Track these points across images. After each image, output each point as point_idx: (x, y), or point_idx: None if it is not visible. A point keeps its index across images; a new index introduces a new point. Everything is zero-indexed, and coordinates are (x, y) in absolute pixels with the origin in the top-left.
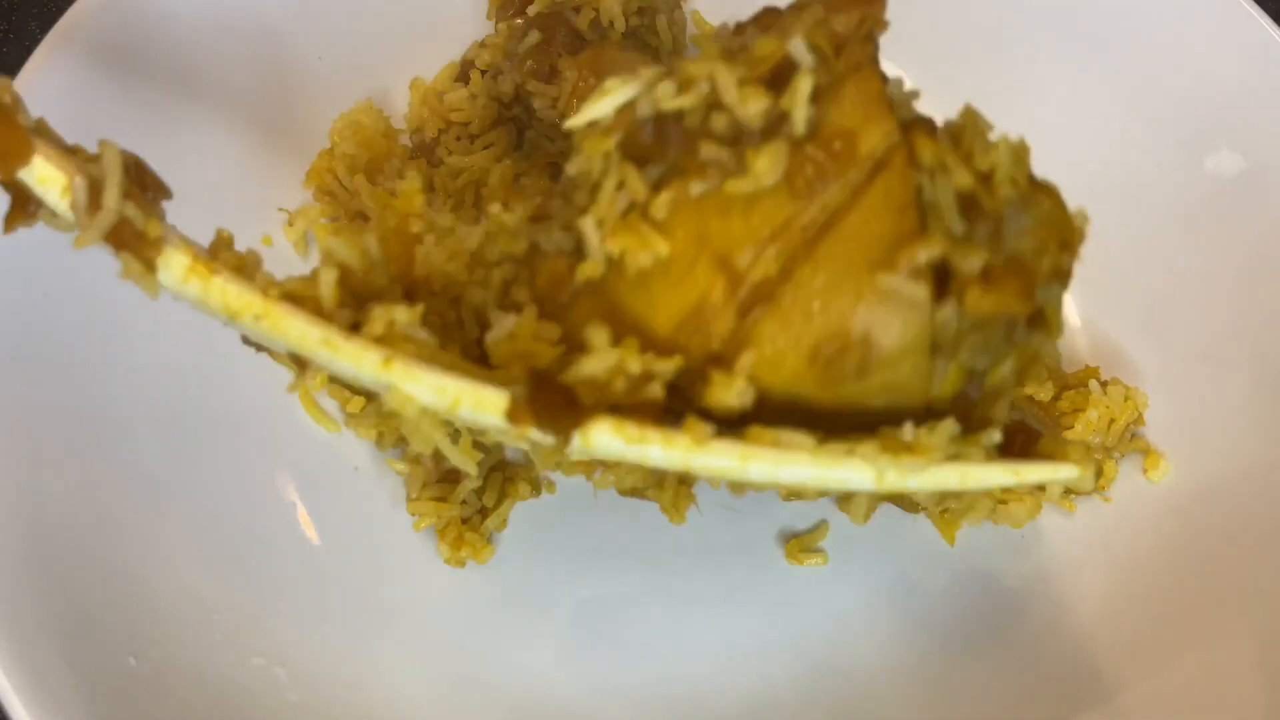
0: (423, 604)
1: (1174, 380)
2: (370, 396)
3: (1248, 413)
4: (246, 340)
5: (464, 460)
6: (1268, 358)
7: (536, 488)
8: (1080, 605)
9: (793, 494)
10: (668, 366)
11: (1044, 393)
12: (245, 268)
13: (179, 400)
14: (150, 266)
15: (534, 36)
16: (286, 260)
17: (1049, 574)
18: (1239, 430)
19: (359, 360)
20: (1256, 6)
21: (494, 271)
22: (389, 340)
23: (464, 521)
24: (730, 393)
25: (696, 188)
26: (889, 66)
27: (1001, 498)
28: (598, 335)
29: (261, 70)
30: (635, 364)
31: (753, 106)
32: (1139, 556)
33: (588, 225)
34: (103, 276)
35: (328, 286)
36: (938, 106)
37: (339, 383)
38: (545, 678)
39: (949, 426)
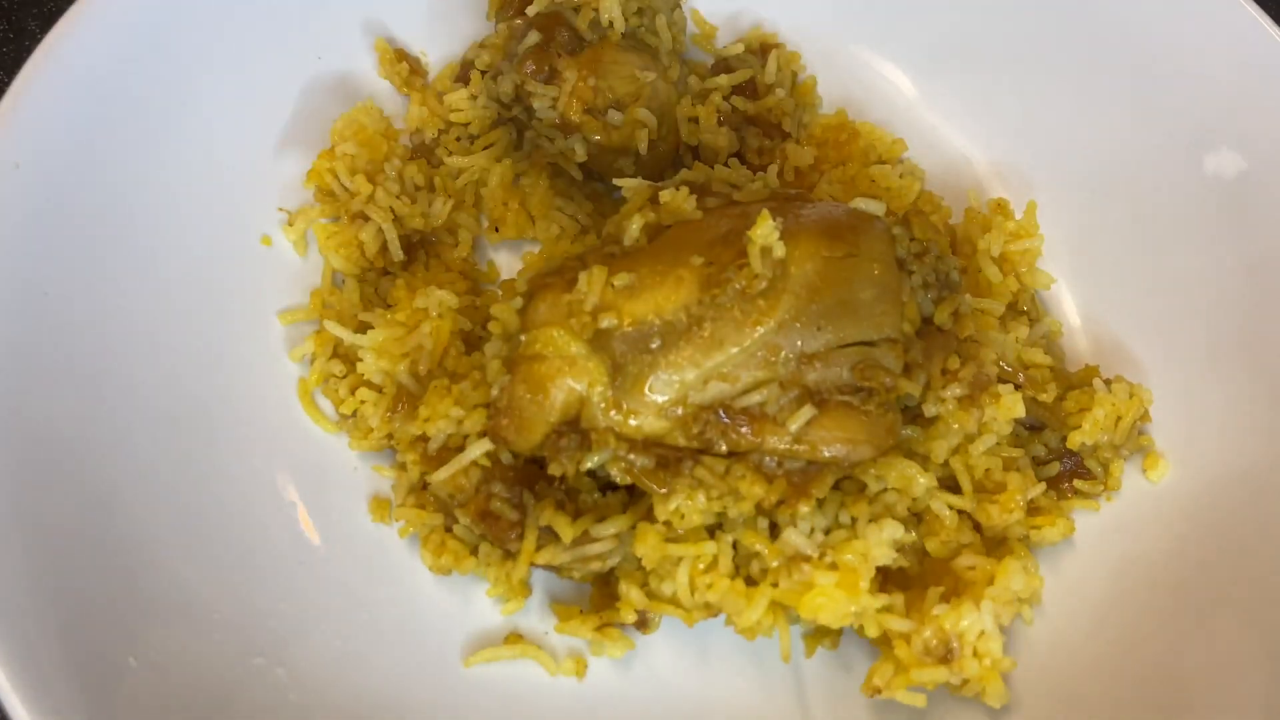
0: (422, 604)
1: (1174, 379)
2: None
3: (1248, 411)
4: None
5: None
6: (1268, 357)
7: None
8: (1081, 604)
9: None
10: None
11: (1048, 394)
12: None
13: (179, 401)
14: None
15: (534, 37)
16: (287, 260)
17: (1050, 573)
18: (1239, 429)
19: None
20: (1256, 6)
21: None
22: None
23: (447, 530)
24: None
25: None
26: (892, 68)
27: (1035, 523)
28: None
29: (261, 70)
30: None
31: None
32: (1140, 555)
33: None
34: (103, 277)
35: None
36: (940, 108)
37: None
38: (543, 678)
39: None
